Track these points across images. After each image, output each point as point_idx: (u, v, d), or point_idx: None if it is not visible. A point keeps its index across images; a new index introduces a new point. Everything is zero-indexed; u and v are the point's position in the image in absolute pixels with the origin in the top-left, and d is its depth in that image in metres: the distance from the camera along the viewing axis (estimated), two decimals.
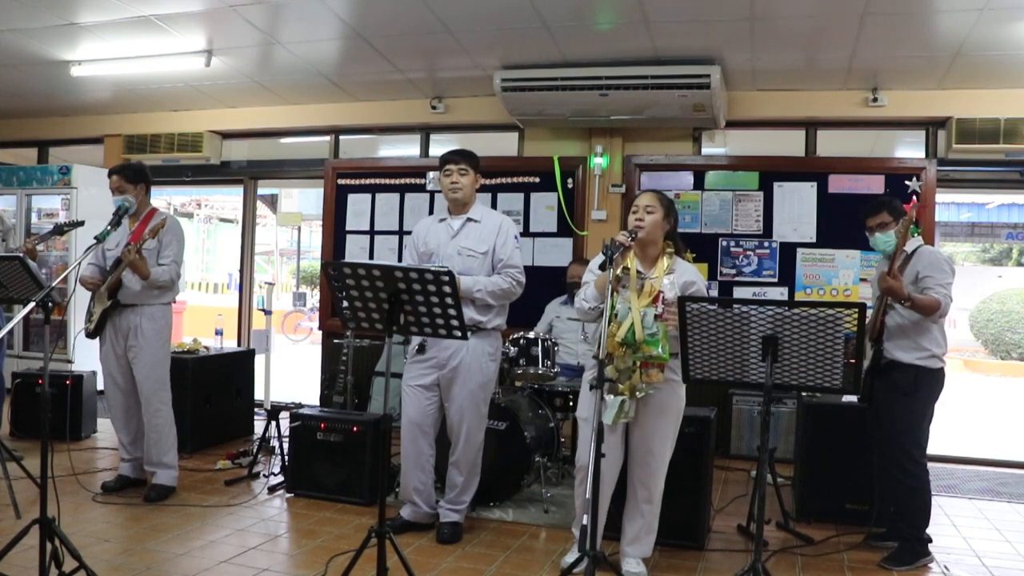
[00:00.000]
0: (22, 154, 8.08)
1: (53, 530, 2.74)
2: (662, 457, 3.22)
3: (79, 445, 5.21)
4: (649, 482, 3.22)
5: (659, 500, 3.27)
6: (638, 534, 3.28)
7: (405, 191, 6.49)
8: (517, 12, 4.60)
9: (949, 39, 4.64)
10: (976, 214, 16.10)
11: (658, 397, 3.13)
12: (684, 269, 3.23)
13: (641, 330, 3.00)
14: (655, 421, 3.17)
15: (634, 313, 3.04)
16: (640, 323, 3.01)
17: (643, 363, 3.01)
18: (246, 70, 5.90)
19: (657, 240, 3.21)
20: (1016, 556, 3.78)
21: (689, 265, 3.28)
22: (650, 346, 2.99)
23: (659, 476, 3.23)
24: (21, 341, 7.06)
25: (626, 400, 3.01)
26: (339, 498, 4.21)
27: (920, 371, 3.47)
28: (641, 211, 3.17)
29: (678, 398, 3.22)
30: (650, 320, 3.01)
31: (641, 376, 3.01)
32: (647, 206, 3.17)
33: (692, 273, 3.23)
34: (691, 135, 6.02)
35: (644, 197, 3.22)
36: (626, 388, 3.02)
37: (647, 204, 3.18)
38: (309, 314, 15.39)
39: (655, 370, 3.02)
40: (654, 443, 3.19)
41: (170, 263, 4.14)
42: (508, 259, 3.72)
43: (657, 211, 3.17)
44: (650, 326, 3.00)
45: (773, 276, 5.72)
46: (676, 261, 3.23)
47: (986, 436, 7.23)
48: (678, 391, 3.21)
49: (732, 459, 5.46)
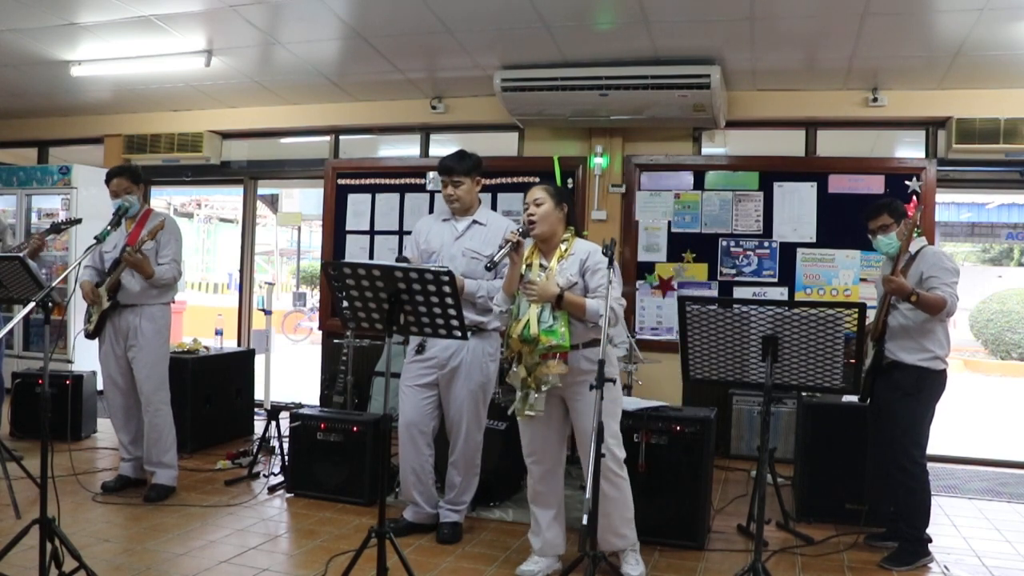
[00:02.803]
0: (22, 154, 8.08)
1: (53, 530, 2.74)
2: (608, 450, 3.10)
3: (79, 445, 5.21)
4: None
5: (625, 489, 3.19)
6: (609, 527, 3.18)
7: (405, 191, 6.49)
8: (517, 12, 4.60)
9: (949, 39, 4.64)
10: (976, 214, 16.10)
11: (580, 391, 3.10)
12: (580, 249, 3.21)
13: (536, 324, 3.03)
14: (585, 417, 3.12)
15: (531, 308, 3.07)
16: (536, 318, 3.04)
17: (543, 355, 3.03)
18: (246, 70, 5.90)
19: (556, 231, 3.21)
20: (1016, 556, 3.78)
21: (586, 243, 3.27)
22: (548, 336, 3.02)
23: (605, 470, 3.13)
24: (21, 341, 7.06)
25: (531, 392, 3.05)
26: (339, 498, 4.21)
27: (923, 372, 3.47)
28: (531, 206, 3.18)
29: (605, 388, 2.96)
30: (547, 313, 3.04)
31: (541, 369, 3.03)
32: (536, 199, 3.19)
33: (586, 249, 3.20)
34: (691, 135, 6.01)
35: (532, 192, 3.23)
36: (531, 381, 3.05)
37: (536, 198, 3.19)
38: (309, 314, 15.38)
39: (553, 361, 3.03)
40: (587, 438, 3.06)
41: (169, 262, 4.15)
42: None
43: (546, 202, 3.18)
44: (546, 319, 3.03)
45: (773, 276, 5.72)
46: (574, 244, 3.23)
47: (986, 436, 7.23)
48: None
49: (732, 459, 5.46)
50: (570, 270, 3.15)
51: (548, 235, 3.20)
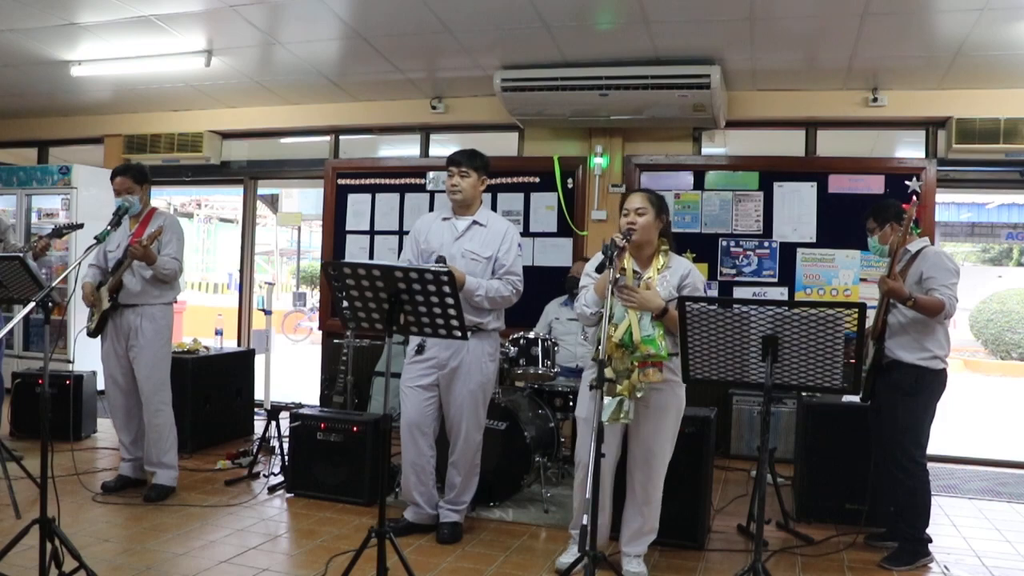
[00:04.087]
0: (22, 154, 8.08)
1: (53, 530, 2.74)
2: (662, 458, 3.22)
3: (79, 445, 5.21)
4: (647, 483, 3.22)
5: (658, 500, 3.27)
6: (636, 534, 3.28)
7: (405, 191, 6.49)
8: (517, 12, 4.60)
9: (949, 39, 4.65)
10: (976, 214, 16.12)
11: (658, 397, 3.14)
12: (678, 265, 3.24)
13: (638, 331, 3.02)
14: (655, 422, 3.17)
15: (631, 314, 3.05)
16: (637, 324, 3.03)
17: (640, 363, 3.02)
18: (246, 70, 5.90)
19: (652, 240, 3.22)
20: (1016, 556, 3.78)
21: (684, 260, 3.30)
22: (647, 345, 3.01)
23: (658, 477, 3.23)
24: (21, 341, 7.06)
25: (624, 400, 3.02)
26: (339, 498, 4.21)
27: (922, 371, 3.47)
28: (632, 214, 3.17)
29: (678, 398, 3.23)
30: (647, 321, 3.03)
31: (639, 376, 3.02)
32: (638, 208, 3.17)
33: (686, 267, 3.25)
34: (691, 135, 6.02)
35: (634, 199, 3.22)
36: (624, 388, 3.02)
37: (638, 207, 3.18)
38: (309, 314, 15.39)
39: (652, 369, 3.03)
40: (654, 444, 3.19)
41: (170, 260, 4.15)
42: (511, 266, 3.72)
43: (648, 212, 3.17)
44: (647, 327, 3.02)
45: (773, 276, 5.72)
46: (671, 258, 3.25)
47: (986, 436, 7.23)
48: (678, 392, 3.22)
49: (732, 459, 5.46)
50: (670, 283, 3.15)
51: (644, 243, 3.20)
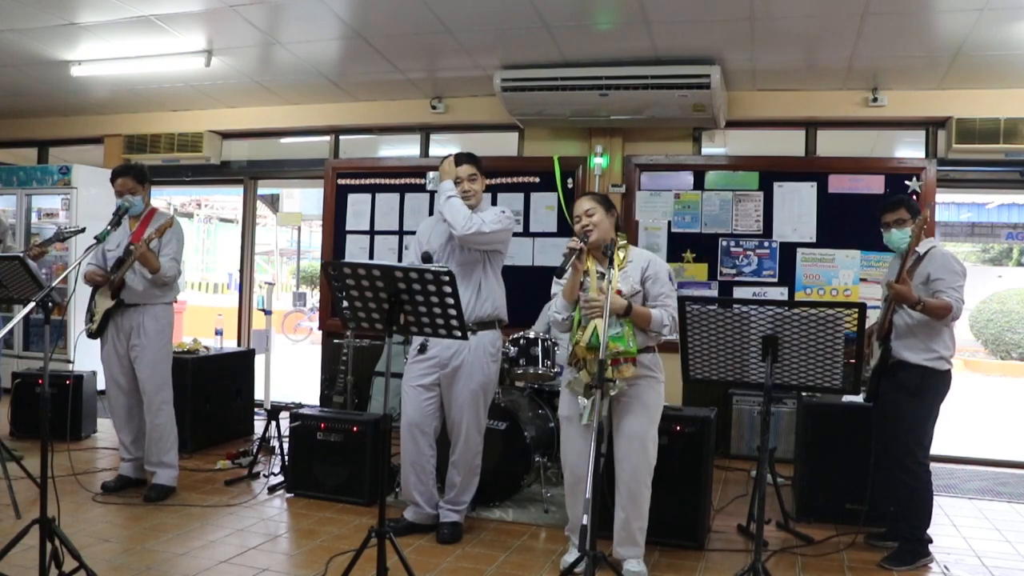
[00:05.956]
0: (22, 154, 8.08)
1: (53, 530, 2.74)
2: (643, 454, 3.20)
3: (79, 445, 5.21)
4: (631, 481, 3.20)
5: (646, 497, 3.23)
6: (627, 534, 3.24)
7: (405, 191, 6.49)
8: (517, 12, 4.60)
9: (949, 39, 4.64)
10: (976, 214, 16.11)
11: (635, 393, 3.15)
12: (639, 257, 3.28)
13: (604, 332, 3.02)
14: (634, 418, 3.18)
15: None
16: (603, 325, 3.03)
17: (613, 360, 3.04)
18: (246, 70, 5.90)
19: (607, 237, 3.24)
20: (1016, 556, 3.78)
21: (643, 252, 3.35)
22: (616, 343, 3.04)
23: (642, 473, 3.20)
24: (21, 341, 7.06)
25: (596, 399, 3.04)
26: (339, 498, 4.21)
27: (927, 372, 3.47)
28: (584, 217, 3.22)
29: (656, 394, 3.23)
30: (612, 319, 3.05)
31: (613, 373, 3.04)
32: (587, 210, 3.23)
33: (645, 258, 3.28)
34: (691, 135, 6.01)
35: (582, 203, 3.26)
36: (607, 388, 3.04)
37: (587, 208, 3.23)
38: (309, 314, 15.39)
39: (626, 365, 3.06)
40: (635, 438, 3.18)
41: (169, 260, 4.15)
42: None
43: (597, 211, 3.22)
44: (614, 325, 3.05)
45: (773, 276, 5.72)
46: (630, 251, 3.29)
47: (986, 436, 7.23)
48: (656, 387, 3.23)
49: (732, 459, 5.46)
50: (633, 278, 3.18)
51: (601, 242, 3.22)
